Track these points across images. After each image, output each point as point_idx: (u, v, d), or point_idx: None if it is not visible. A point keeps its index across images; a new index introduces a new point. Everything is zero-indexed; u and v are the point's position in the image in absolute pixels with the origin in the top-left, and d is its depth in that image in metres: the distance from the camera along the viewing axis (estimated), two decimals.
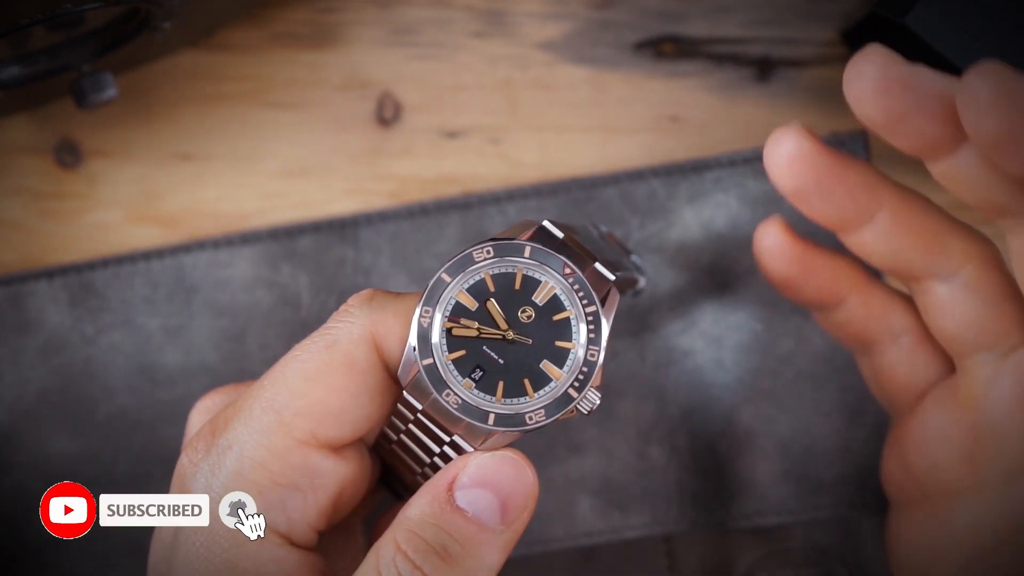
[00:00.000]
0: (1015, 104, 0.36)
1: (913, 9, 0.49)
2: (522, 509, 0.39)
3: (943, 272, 0.44)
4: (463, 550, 0.38)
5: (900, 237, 0.43)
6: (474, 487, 0.39)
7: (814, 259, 0.47)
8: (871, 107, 0.39)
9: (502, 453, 0.40)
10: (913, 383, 0.47)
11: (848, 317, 0.48)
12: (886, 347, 0.48)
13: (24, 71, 0.51)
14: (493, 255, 0.40)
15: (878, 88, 0.38)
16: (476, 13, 0.57)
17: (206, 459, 0.40)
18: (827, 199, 0.42)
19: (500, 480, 0.39)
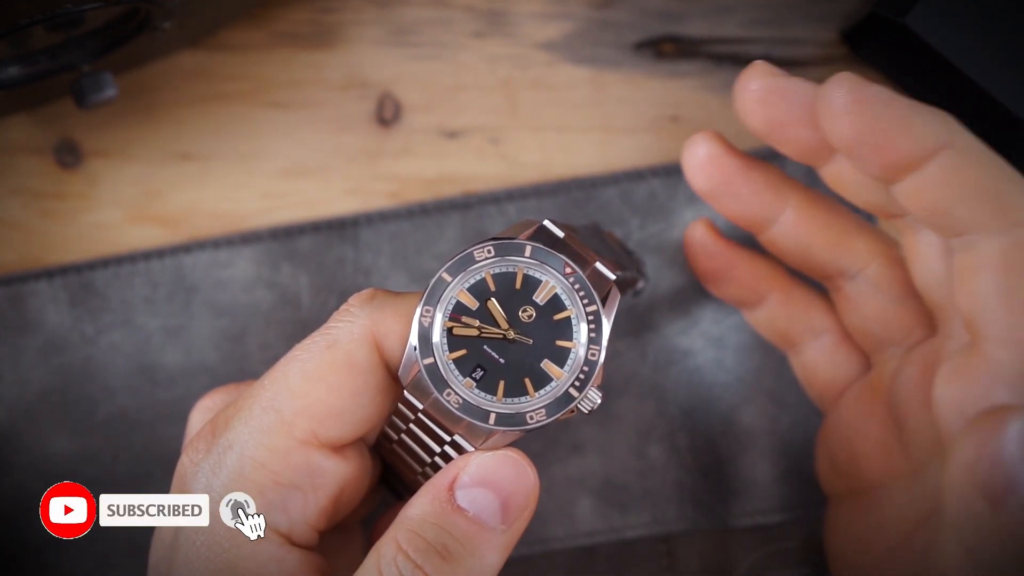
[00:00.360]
0: (865, 111, 0.39)
1: (913, 9, 0.49)
2: (523, 509, 0.39)
3: (850, 270, 0.47)
4: (464, 549, 0.38)
5: (806, 235, 0.47)
6: (475, 487, 0.39)
7: (734, 256, 0.50)
8: (753, 117, 0.43)
9: (503, 452, 0.40)
10: (835, 380, 0.50)
11: (770, 315, 0.51)
12: (808, 345, 0.50)
13: (24, 71, 0.51)
14: (494, 254, 0.40)
15: (758, 100, 0.43)
16: (476, 13, 0.57)
17: (207, 459, 0.40)
18: (735, 198, 0.47)
19: (501, 480, 0.39)
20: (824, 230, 0.47)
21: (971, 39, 0.49)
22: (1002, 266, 0.40)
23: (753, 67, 0.43)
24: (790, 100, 0.43)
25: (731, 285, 0.51)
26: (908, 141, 0.40)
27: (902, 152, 0.40)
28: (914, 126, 0.40)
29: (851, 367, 0.50)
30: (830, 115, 0.40)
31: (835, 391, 0.50)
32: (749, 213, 0.48)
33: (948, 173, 0.40)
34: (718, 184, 0.47)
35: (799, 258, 0.48)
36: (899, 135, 0.40)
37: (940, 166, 0.40)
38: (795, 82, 0.43)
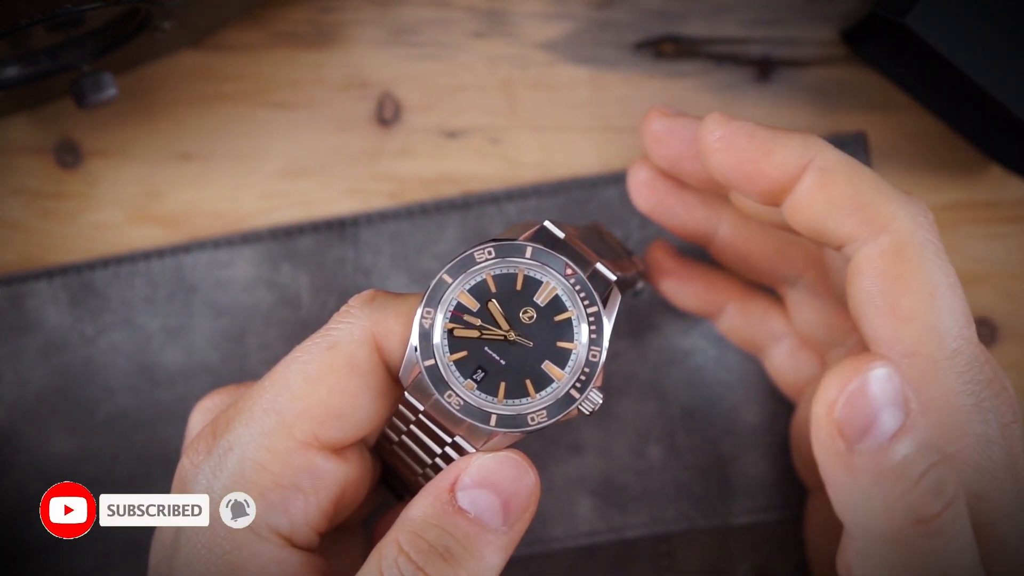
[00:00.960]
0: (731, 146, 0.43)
1: (913, 9, 0.49)
2: (524, 510, 0.39)
3: (789, 277, 0.50)
4: (465, 551, 0.39)
5: (743, 247, 0.50)
6: (476, 488, 0.39)
7: (688, 271, 0.52)
8: (654, 155, 0.47)
9: (504, 454, 0.40)
10: (800, 380, 0.52)
11: (732, 324, 0.53)
12: (772, 350, 0.52)
13: (24, 71, 0.51)
14: (494, 256, 0.40)
15: (655, 140, 0.47)
16: (476, 13, 0.56)
17: (207, 461, 0.41)
18: (673, 216, 0.50)
19: (502, 481, 0.39)
20: (760, 240, 0.50)
21: (971, 39, 0.49)
22: (872, 272, 0.41)
23: (650, 111, 0.48)
24: (679, 139, 0.47)
25: (688, 298, 0.52)
26: (771, 167, 0.42)
27: (769, 179, 0.42)
28: (776, 153, 0.42)
29: (813, 367, 0.51)
30: (705, 155, 0.43)
31: (801, 389, 0.52)
32: (688, 229, 0.50)
33: (813, 191, 0.42)
34: (654, 205, 0.50)
35: (742, 268, 0.51)
36: (763, 164, 0.42)
37: (807, 184, 0.42)
38: (681, 122, 0.47)
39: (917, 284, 0.40)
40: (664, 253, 0.52)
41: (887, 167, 0.56)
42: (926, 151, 0.56)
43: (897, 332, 0.40)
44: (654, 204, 0.50)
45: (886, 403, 0.37)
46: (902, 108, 0.56)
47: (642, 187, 0.50)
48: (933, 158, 0.56)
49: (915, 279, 0.40)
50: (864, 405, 0.37)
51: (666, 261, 0.52)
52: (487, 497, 0.39)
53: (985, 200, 0.56)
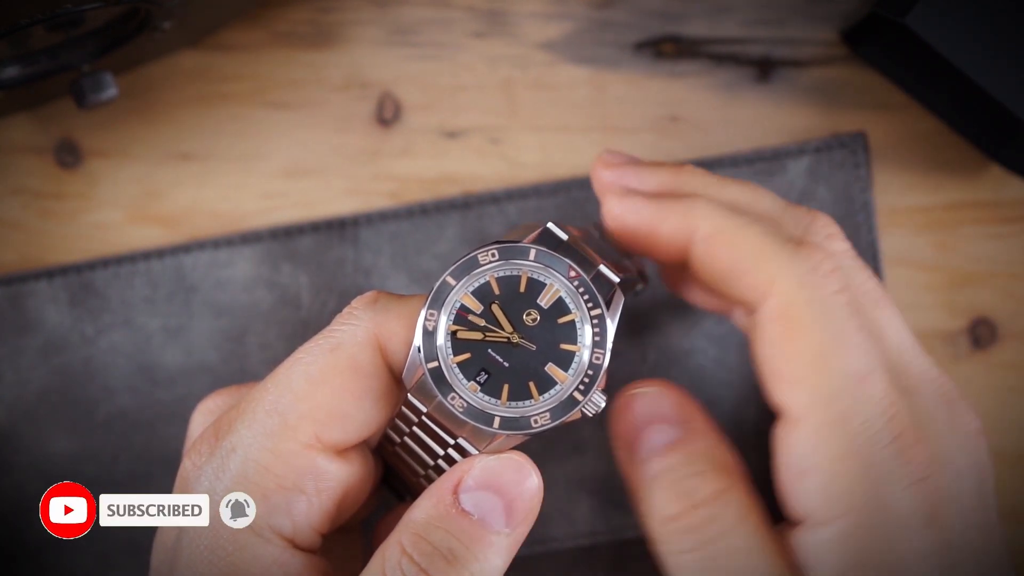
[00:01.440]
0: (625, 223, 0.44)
1: (913, 9, 0.49)
2: (527, 512, 0.39)
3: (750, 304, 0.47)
4: (468, 553, 0.39)
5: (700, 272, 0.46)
6: (479, 490, 0.39)
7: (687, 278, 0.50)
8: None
9: (507, 456, 0.40)
10: None
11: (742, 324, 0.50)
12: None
13: (24, 71, 0.51)
14: (498, 258, 0.40)
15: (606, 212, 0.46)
16: (476, 13, 0.56)
17: (210, 462, 0.40)
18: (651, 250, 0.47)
19: (505, 483, 0.39)
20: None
21: (971, 39, 0.49)
22: (762, 339, 0.42)
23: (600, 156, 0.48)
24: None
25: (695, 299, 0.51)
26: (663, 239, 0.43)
27: (666, 249, 0.43)
28: (663, 224, 0.43)
29: None
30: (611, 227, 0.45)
31: None
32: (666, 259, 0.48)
33: (702, 262, 0.43)
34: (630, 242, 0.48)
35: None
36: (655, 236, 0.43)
37: (694, 257, 0.43)
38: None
39: (802, 347, 0.41)
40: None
41: (887, 167, 0.56)
42: (926, 151, 0.56)
43: (787, 399, 0.41)
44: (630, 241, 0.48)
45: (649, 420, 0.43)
46: (902, 108, 0.56)
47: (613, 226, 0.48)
48: (933, 158, 0.56)
49: (800, 342, 0.41)
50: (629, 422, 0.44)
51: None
52: (490, 499, 0.39)
53: (985, 200, 0.56)
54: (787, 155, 0.54)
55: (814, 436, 0.41)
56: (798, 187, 0.54)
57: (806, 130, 0.56)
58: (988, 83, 0.50)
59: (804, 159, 0.54)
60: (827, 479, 0.40)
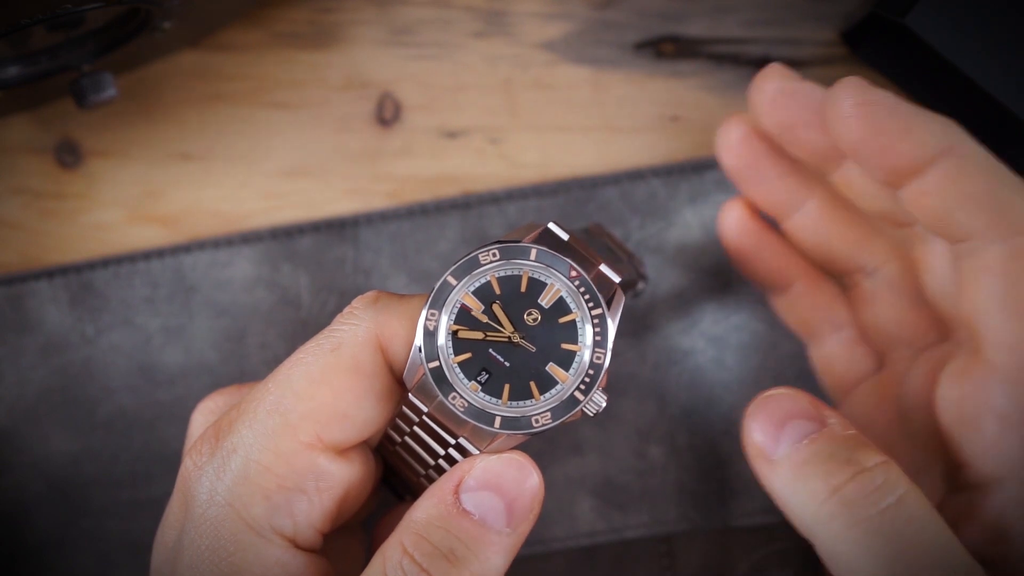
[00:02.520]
0: (869, 116, 0.41)
1: (913, 9, 0.49)
2: (528, 511, 0.39)
3: (867, 266, 0.48)
4: (469, 553, 0.39)
5: (827, 227, 0.48)
6: (480, 490, 0.39)
7: (765, 238, 0.50)
8: (765, 119, 0.45)
9: (508, 456, 0.40)
10: (849, 375, 0.50)
11: (794, 303, 0.51)
12: (828, 338, 0.51)
13: (24, 71, 0.50)
14: (499, 258, 0.40)
15: (770, 101, 0.45)
16: (476, 13, 0.56)
17: (210, 462, 0.40)
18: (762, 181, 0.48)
19: (506, 483, 0.39)
20: (846, 224, 0.48)
21: (971, 39, 0.49)
22: (1001, 273, 0.40)
23: (768, 69, 0.45)
24: (801, 103, 0.44)
25: (758, 267, 0.51)
26: (909, 146, 0.40)
27: (903, 157, 0.41)
28: (916, 131, 0.41)
29: (867, 364, 0.50)
30: (836, 119, 0.41)
31: (848, 385, 0.51)
32: (773, 198, 0.49)
33: (949, 179, 0.40)
34: (746, 165, 0.48)
35: (819, 249, 0.49)
36: (901, 140, 0.41)
37: (941, 172, 0.40)
38: (806, 86, 0.44)
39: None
40: (744, 213, 0.51)
41: None
42: None
43: (1019, 336, 0.40)
44: (746, 163, 0.48)
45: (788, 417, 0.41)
46: None
47: (736, 144, 0.48)
48: None
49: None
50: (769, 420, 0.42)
51: (745, 222, 0.51)
52: (491, 499, 0.39)
53: None
54: None
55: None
56: None
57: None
58: (988, 83, 0.50)
59: None
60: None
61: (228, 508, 0.40)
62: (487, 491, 0.39)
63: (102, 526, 0.54)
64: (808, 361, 0.52)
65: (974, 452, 0.41)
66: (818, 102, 0.44)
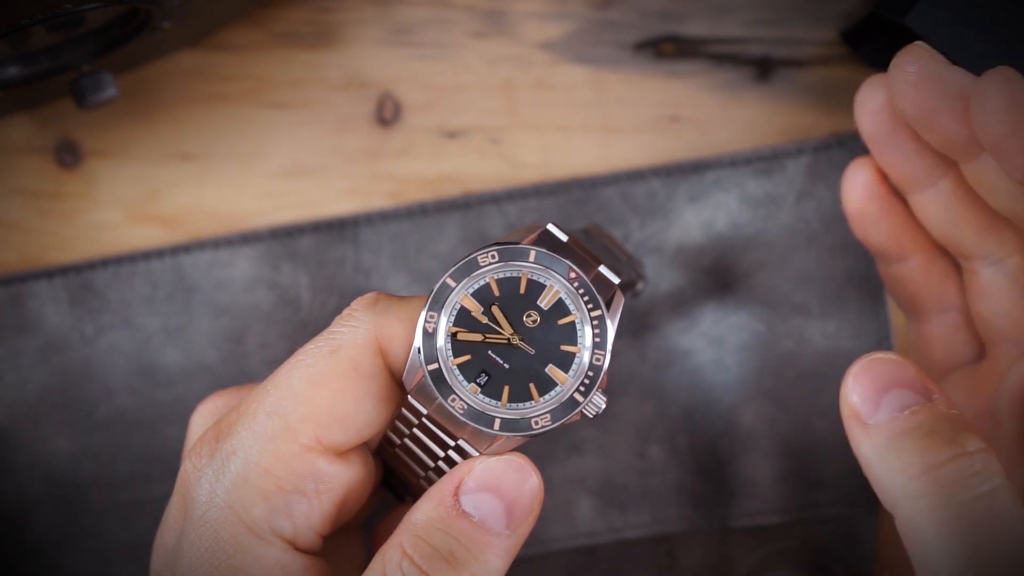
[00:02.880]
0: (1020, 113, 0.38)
1: (913, 9, 0.49)
2: (527, 513, 0.39)
3: (991, 256, 0.46)
4: (469, 554, 0.39)
5: (959, 209, 0.46)
6: (480, 492, 0.39)
7: (891, 204, 0.48)
8: (905, 101, 0.42)
9: (507, 458, 0.40)
10: (946, 360, 0.49)
11: (907, 275, 0.49)
12: (934, 317, 0.49)
13: (24, 71, 0.50)
14: (498, 259, 0.40)
15: (913, 83, 0.42)
16: (476, 13, 0.56)
17: (210, 464, 0.40)
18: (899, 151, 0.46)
19: (506, 485, 0.39)
20: (978, 210, 0.46)
21: (971, 39, 0.49)
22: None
23: (912, 48, 0.43)
24: (945, 89, 0.42)
25: (879, 232, 0.49)
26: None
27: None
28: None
29: (967, 352, 0.49)
30: (983, 111, 0.39)
31: (943, 369, 0.50)
32: (908, 170, 0.47)
33: None
34: (885, 132, 0.46)
35: (945, 229, 0.47)
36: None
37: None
38: (952, 70, 0.42)
39: None
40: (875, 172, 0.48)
41: None
42: None
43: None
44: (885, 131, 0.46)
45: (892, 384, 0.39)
46: None
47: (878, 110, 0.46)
48: None
49: None
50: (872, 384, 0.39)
51: (875, 181, 0.48)
52: (491, 501, 0.39)
53: None
54: (786, 155, 0.54)
55: None
56: (797, 187, 0.54)
57: (806, 130, 0.56)
58: None
59: (803, 159, 0.54)
60: None
61: (228, 510, 0.40)
62: (486, 493, 0.39)
63: (102, 526, 0.54)
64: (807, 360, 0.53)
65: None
66: (962, 90, 0.41)
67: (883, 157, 0.47)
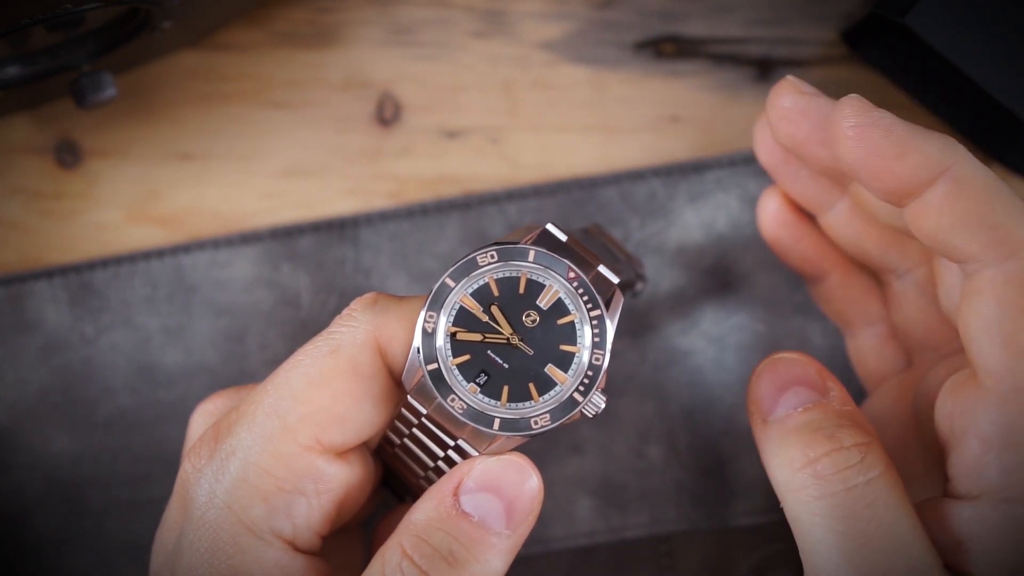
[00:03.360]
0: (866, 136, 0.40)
1: (913, 9, 0.49)
2: (527, 513, 0.39)
3: (899, 268, 0.48)
4: (469, 554, 0.39)
5: (860, 227, 0.48)
6: (479, 491, 0.39)
7: (802, 228, 0.50)
8: (778, 134, 0.45)
9: (507, 457, 0.40)
10: (879, 370, 0.51)
11: (829, 293, 0.51)
12: (861, 330, 0.51)
13: (24, 71, 0.50)
14: (497, 259, 0.40)
15: (783, 117, 0.44)
16: (476, 13, 0.56)
17: (209, 465, 0.40)
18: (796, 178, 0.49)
19: (505, 484, 0.39)
20: (878, 225, 0.48)
21: (971, 39, 0.49)
22: (993, 298, 0.39)
23: (782, 83, 0.45)
24: (811, 120, 0.44)
25: (795, 256, 0.51)
26: (903, 168, 0.40)
27: (899, 178, 0.40)
28: (911, 154, 0.40)
29: (897, 361, 0.51)
30: (836, 137, 0.41)
31: (878, 379, 0.51)
32: (807, 195, 0.49)
33: (945, 201, 0.40)
34: (780, 161, 0.48)
35: (853, 247, 0.49)
36: (895, 162, 0.40)
37: (938, 193, 0.40)
38: (818, 102, 0.44)
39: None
40: (782, 203, 0.50)
41: None
42: None
43: (1011, 365, 0.39)
44: (779, 161, 0.48)
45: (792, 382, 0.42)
46: (902, 108, 0.56)
47: (769, 141, 0.48)
48: None
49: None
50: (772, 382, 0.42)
51: (782, 212, 0.50)
52: (490, 500, 0.39)
53: None
54: None
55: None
56: None
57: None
58: (989, 83, 0.49)
59: None
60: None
61: (227, 510, 0.40)
62: (486, 493, 0.39)
63: (102, 526, 0.54)
64: None
65: (956, 467, 0.41)
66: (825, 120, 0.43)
67: (784, 185, 0.49)
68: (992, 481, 0.39)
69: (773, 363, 0.43)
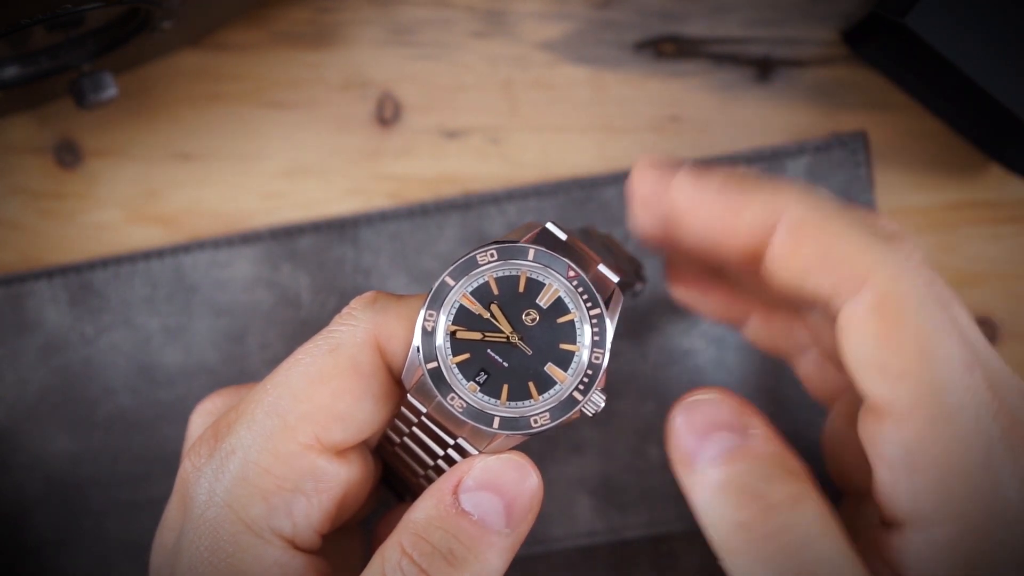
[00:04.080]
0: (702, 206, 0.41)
1: (913, 9, 0.49)
2: (527, 512, 0.39)
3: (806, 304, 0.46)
4: (468, 553, 0.39)
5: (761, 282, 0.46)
6: (479, 490, 0.39)
7: (707, 285, 0.49)
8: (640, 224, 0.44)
9: (507, 456, 0.40)
10: (826, 391, 0.49)
11: (756, 335, 0.50)
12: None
13: (24, 71, 0.51)
14: (497, 258, 0.40)
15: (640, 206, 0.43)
16: (476, 13, 0.56)
17: (209, 464, 0.40)
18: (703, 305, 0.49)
19: (505, 483, 0.39)
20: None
21: (971, 39, 0.49)
22: (859, 333, 0.39)
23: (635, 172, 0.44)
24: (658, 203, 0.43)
25: (712, 312, 0.50)
26: (743, 223, 0.40)
27: (740, 235, 0.40)
28: (744, 211, 0.40)
29: (841, 380, 0.49)
30: (676, 217, 0.41)
31: (829, 399, 0.50)
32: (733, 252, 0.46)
33: (785, 251, 0.40)
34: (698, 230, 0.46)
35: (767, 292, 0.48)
36: (733, 223, 0.40)
37: (777, 245, 0.40)
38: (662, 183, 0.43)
39: (905, 339, 0.38)
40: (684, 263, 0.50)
41: (887, 167, 0.56)
42: (926, 151, 0.56)
43: (891, 393, 0.39)
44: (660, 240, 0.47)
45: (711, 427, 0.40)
46: (902, 108, 0.56)
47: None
48: (933, 158, 0.56)
49: (902, 334, 0.38)
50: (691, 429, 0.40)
51: (685, 272, 0.50)
52: (490, 499, 0.39)
53: (985, 200, 0.56)
54: (787, 155, 0.54)
55: (925, 431, 0.38)
56: None
57: (806, 130, 0.56)
58: (988, 83, 0.50)
59: (804, 159, 0.54)
60: (940, 477, 0.38)
61: (227, 509, 0.40)
62: (486, 491, 0.39)
63: (102, 526, 0.54)
64: None
65: (877, 494, 0.40)
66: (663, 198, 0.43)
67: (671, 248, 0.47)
68: (904, 506, 0.39)
69: (688, 408, 0.41)
